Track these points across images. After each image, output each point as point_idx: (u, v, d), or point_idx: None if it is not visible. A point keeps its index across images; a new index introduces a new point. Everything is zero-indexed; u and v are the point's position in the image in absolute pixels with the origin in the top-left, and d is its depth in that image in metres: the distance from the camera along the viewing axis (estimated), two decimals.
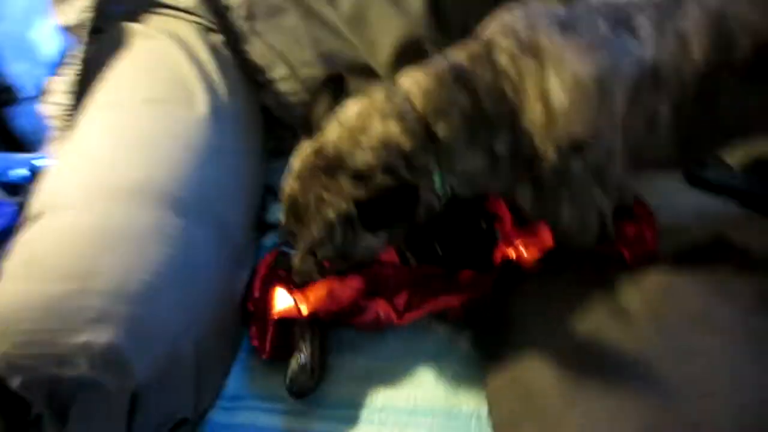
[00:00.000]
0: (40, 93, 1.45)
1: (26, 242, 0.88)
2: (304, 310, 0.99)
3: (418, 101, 0.87)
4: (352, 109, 0.89)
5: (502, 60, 0.87)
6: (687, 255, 0.99)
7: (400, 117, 0.85)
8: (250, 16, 1.28)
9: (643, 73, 0.86)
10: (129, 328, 0.80)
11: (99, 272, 0.83)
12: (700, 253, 0.99)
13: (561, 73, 0.84)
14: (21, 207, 1.01)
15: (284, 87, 1.29)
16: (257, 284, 1.05)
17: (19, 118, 1.43)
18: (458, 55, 0.91)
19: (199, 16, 1.27)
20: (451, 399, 0.97)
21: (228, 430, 0.95)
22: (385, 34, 1.23)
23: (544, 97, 0.84)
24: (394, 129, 0.85)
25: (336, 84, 0.98)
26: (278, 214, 1.26)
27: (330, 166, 0.85)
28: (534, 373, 0.90)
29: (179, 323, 0.87)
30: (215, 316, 0.95)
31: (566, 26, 0.87)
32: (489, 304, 1.04)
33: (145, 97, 1.09)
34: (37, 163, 1.23)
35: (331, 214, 0.85)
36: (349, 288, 1.01)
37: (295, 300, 1.00)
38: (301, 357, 0.97)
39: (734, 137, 1.05)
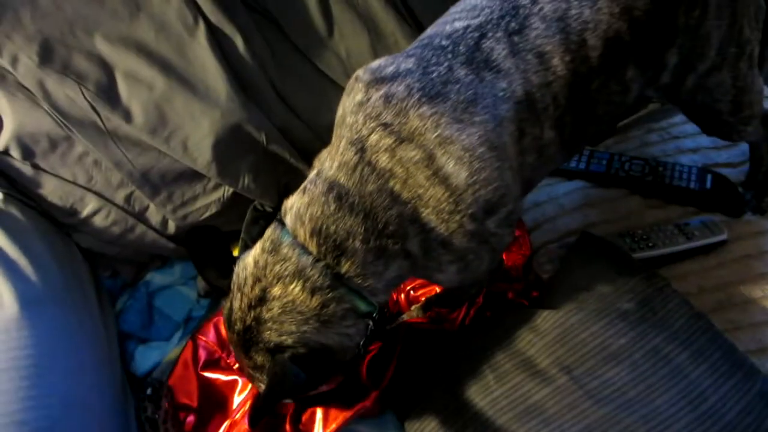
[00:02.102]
0: None
1: None
2: None
3: (311, 245, 0.80)
4: (248, 268, 0.82)
5: (381, 160, 0.79)
6: (568, 281, 1.02)
7: (299, 275, 0.79)
8: (28, 155, 1.07)
9: (519, 108, 0.84)
10: None
11: None
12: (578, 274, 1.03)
13: (449, 151, 0.79)
14: None
15: (101, 221, 1.13)
16: None
17: None
18: (330, 168, 0.82)
19: None
20: None
21: None
22: (197, 132, 1.10)
23: (442, 180, 0.79)
24: (295, 292, 0.79)
25: (207, 237, 0.89)
26: (148, 361, 1.15)
27: (244, 342, 0.82)
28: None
29: None
30: None
31: (431, 93, 0.80)
32: (402, 390, 1.02)
33: None
34: None
35: (262, 387, 0.84)
36: None
37: None
38: None
39: (607, 130, 1.09)
